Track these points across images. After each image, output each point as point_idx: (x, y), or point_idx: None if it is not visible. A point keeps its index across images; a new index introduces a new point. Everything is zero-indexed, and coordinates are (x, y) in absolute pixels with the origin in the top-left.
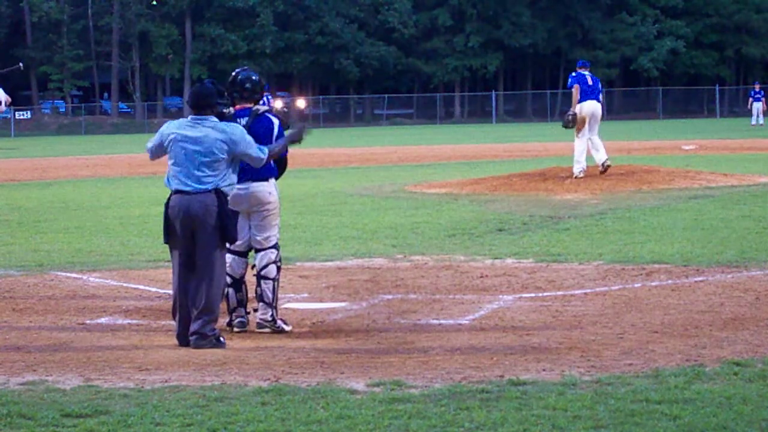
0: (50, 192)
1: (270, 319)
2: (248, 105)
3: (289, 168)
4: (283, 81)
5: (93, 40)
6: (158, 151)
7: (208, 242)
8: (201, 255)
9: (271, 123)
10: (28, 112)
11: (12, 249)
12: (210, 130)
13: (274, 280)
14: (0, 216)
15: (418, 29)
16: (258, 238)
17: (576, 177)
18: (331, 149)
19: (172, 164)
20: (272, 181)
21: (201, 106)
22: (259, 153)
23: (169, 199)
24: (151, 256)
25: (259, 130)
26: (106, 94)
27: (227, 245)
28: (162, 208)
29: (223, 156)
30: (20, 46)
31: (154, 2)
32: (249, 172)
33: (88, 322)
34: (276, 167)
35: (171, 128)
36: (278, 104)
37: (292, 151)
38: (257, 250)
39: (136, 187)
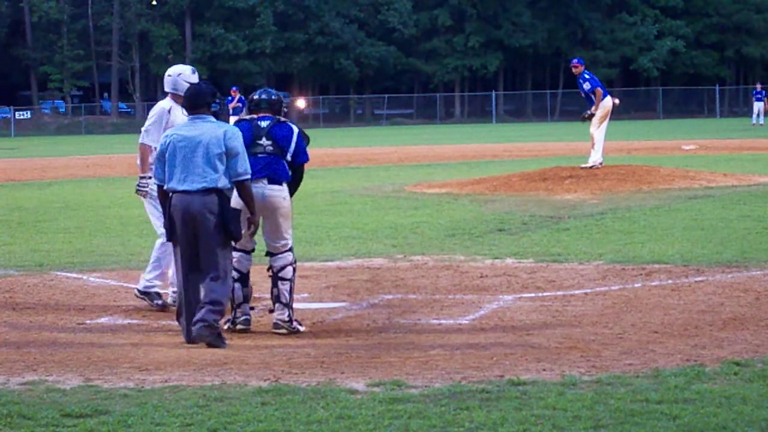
0: (50, 192)
1: (287, 319)
2: (270, 114)
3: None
4: (283, 81)
5: (93, 40)
6: (163, 167)
7: (211, 241)
8: (206, 254)
9: (291, 130)
10: (28, 112)
11: (12, 249)
12: (208, 126)
13: (290, 281)
14: (0, 216)
15: (418, 29)
16: (274, 244)
17: (594, 167)
18: (331, 149)
19: (172, 165)
20: (285, 185)
21: (197, 105)
22: (246, 165)
23: (170, 198)
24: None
25: (279, 133)
26: (106, 94)
27: (233, 243)
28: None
29: (222, 150)
30: (20, 46)
31: (154, 2)
32: (266, 169)
33: (88, 322)
34: (292, 174)
35: (168, 134)
36: None
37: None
38: (273, 254)
39: None
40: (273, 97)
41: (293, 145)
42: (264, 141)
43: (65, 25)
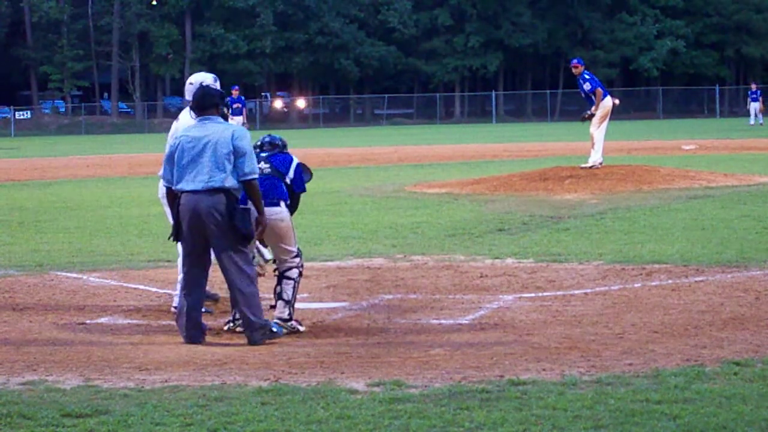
0: (50, 192)
1: (287, 317)
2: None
3: None
4: (283, 81)
5: (93, 40)
6: (172, 168)
7: (222, 241)
8: (221, 256)
9: (291, 158)
10: (28, 112)
11: (12, 249)
12: (216, 127)
13: (295, 280)
14: (0, 216)
15: (418, 29)
16: (281, 257)
17: (594, 167)
18: (331, 149)
19: (181, 165)
20: (283, 205)
21: (205, 107)
22: (254, 164)
23: (179, 198)
24: (151, 256)
25: (278, 158)
26: (106, 94)
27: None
28: (163, 208)
29: (230, 150)
30: (20, 46)
31: (154, 2)
32: (261, 187)
33: (88, 322)
34: (289, 198)
35: (177, 135)
36: (278, 104)
37: (293, 150)
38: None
39: (136, 187)
40: (276, 141)
41: (292, 171)
42: (262, 165)
43: (65, 25)
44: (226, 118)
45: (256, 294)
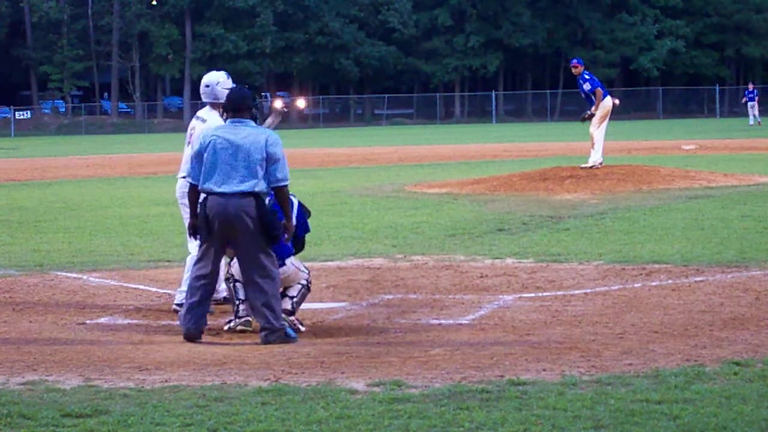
0: (50, 192)
1: (290, 308)
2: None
3: (289, 167)
4: (283, 81)
5: (93, 40)
6: (200, 167)
7: (250, 244)
8: (246, 258)
9: (291, 203)
10: (28, 112)
11: (12, 249)
12: (250, 131)
13: (302, 285)
14: (0, 216)
15: (418, 29)
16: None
17: (594, 167)
18: (331, 149)
19: (211, 166)
20: (287, 262)
21: (239, 109)
22: (286, 171)
23: (206, 199)
24: (151, 256)
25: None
26: (106, 94)
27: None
28: (163, 208)
29: (263, 156)
30: (20, 46)
31: (154, 2)
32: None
33: (88, 322)
34: (293, 246)
35: (209, 134)
36: (278, 104)
37: (293, 151)
38: None
39: (136, 187)
40: None
41: (294, 217)
42: None
43: (65, 25)
44: (256, 120)
45: (278, 297)
